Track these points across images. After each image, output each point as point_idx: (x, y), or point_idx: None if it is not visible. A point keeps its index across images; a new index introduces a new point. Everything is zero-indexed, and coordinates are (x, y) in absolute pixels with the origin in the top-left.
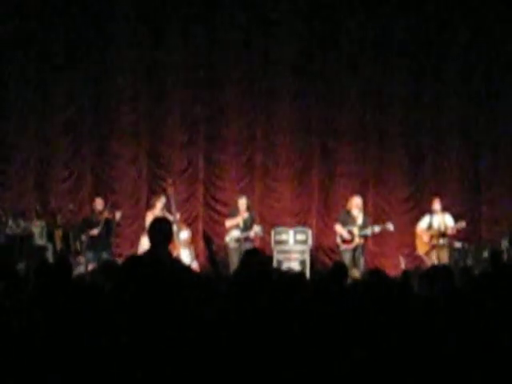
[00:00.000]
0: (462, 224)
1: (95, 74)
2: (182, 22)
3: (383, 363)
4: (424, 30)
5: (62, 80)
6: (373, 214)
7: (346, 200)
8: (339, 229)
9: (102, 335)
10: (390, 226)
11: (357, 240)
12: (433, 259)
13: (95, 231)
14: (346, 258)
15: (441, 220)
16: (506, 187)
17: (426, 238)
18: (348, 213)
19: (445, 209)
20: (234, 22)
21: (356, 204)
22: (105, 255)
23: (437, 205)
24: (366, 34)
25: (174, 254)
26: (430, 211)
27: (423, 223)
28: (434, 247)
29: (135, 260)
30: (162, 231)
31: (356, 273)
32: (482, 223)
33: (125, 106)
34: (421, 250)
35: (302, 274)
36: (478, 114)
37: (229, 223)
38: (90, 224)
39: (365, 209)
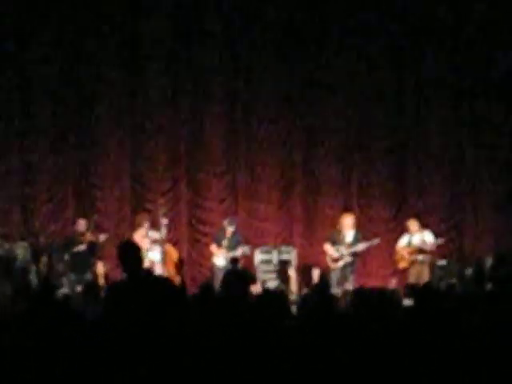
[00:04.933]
0: (440, 240)
1: (78, 96)
2: (165, 49)
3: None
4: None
5: (45, 102)
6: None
7: (331, 218)
8: (328, 248)
9: (90, 362)
10: (377, 241)
11: (345, 258)
12: (413, 276)
13: (81, 247)
14: (335, 277)
15: (420, 238)
16: (489, 205)
17: (406, 253)
18: (338, 232)
19: (426, 226)
20: (217, 41)
21: (346, 223)
22: (87, 277)
23: (413, 226)
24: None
25: (167, 272)
26: (408, 232)
27: (402, 242)
28: (413, 263)
29: (118, 287)
30: (133, 255)
31: (339, 291)
32: (465, 240)
33: (108, 128)
34: (401, 265)
35: (281, 292)
36: (461, 133)
37: (214, 249)
38: (73, 243)
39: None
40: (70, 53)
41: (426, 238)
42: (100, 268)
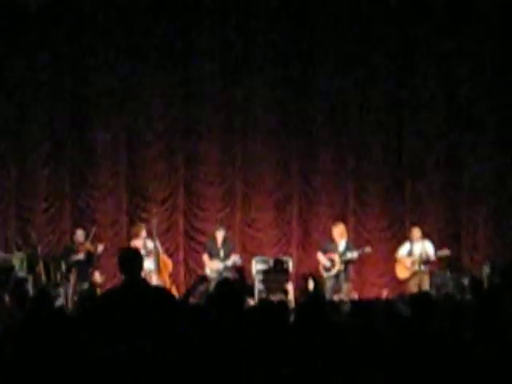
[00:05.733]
0: (446, 252)
1: (73, 106)
2: (161, 60)
3: None
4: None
5: (41, 112)
6: (353, 243)
7: (327, 228)
8: (320, 257)
9: (85, 366)
10: (368, 249)
11: (337, 266)
12: (413, 286)
13: (79, 256)
14: (329, 285)
15: (421, 247)
16: (486, 214)
17: (408, 263)
18: (331, 241)
19: (425, 235)
20: (211, 54)
21: (338, 232)
22: (84, 286)
23: (416, 234)
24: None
25: (162, 281)
26: (410, 239)
27: (403, 250)
28: (415, 274)
29: (113, 293)
30: (135, 261)
31: (336, 298)
32: (462, 250)
33: (103, 137)
34: (401, 275)
35: (282, 302)
36: (458, 141)
37: (206, 259)
38: (71, 253)
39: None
40: (65, 62)
41: (427, 247)
42: (97, 278)
